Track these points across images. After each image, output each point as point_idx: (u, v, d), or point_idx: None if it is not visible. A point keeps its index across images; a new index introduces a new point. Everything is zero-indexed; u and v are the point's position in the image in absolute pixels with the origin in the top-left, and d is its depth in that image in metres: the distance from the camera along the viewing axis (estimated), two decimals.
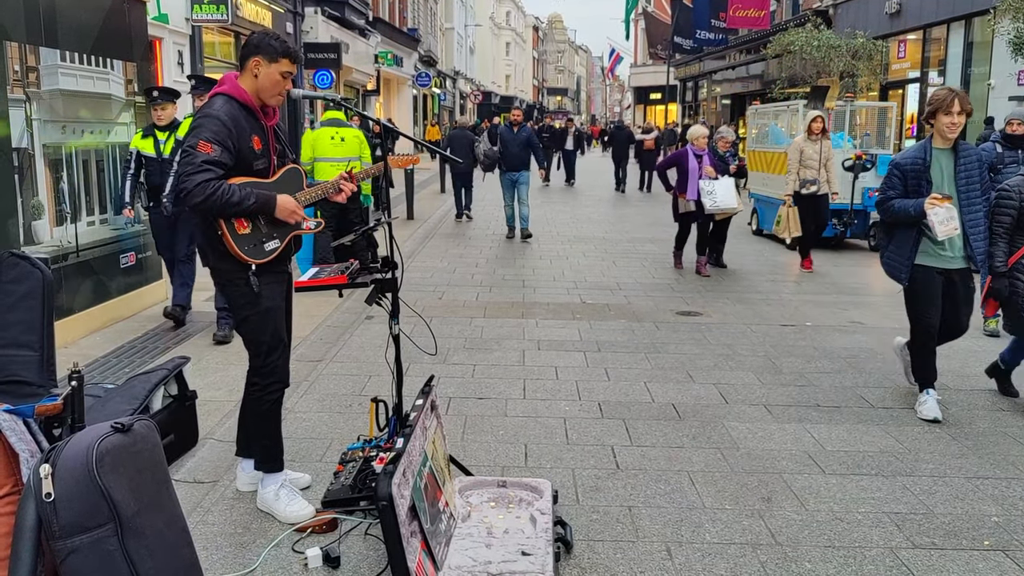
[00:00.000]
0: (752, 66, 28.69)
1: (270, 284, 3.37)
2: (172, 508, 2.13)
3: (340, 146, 8.02)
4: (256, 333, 3.39)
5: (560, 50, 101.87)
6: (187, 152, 3.16)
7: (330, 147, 8.00)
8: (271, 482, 3.44)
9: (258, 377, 3.42)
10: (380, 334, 5.99)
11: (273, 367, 3.42)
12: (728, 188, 8.98)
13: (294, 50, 3.39)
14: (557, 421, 4.56)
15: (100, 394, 3.81)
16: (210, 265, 3.41)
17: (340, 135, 8.06)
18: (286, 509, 3.37)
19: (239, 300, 3.36)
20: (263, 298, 3.34)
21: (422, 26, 38.69)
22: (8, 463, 2.04)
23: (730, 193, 8.97)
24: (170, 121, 6.26)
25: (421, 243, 11.40)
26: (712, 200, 8.85)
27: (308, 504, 3.41)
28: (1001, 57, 14.72)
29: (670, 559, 3.13)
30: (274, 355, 3.41)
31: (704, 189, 8.85)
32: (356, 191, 3.74)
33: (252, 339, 3.41)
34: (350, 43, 23.40)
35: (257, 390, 3.42)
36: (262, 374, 3.41)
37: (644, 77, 49.70)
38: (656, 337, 6.42)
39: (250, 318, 3.37)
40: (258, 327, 3.38)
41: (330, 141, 8.03)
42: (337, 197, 3.58)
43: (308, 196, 3.48)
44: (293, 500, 3.41)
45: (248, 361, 3.44)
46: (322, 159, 7.97)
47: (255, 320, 3.37)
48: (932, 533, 3.35)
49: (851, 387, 5.22)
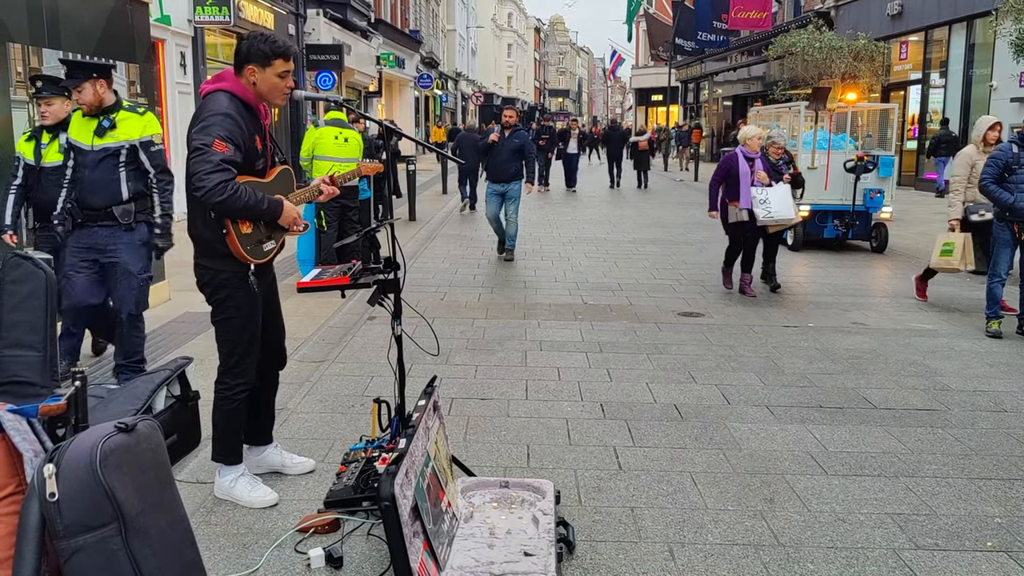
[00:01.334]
0: (754, 68, 28.72)
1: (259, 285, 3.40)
2: (175, 508, 2.13)
3: (344, 146, 8.06)
4: (235, 335, 3.40)
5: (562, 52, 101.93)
6: (201, 150, 3.11)
7: (334, 146, 8.05)
8: (228, 472, 3.53)
9: (228, 378, 3.45)
10: (382, 335, 5.99)
11: (244, 369, 3.45)
12: (784, 197, 7.93)
13: (285, 47, 3.32)
14: (559, 422, 4.56)
15: (103, 394, 3.81)
16: (204, 266, 3.37)
17: (344, 135, 8.11)
18: (249, 495, 3.47)
19: (227, 302, 3.36)
20: (251, 301, 3.37)
21: (424, 28, 38.72)
22: (12, 463, 2.05)
23: (786, 202, 7.92)
24: (59, 120, 5.02)
25: (423, 244, 11.41)
26: (766, 210, 7.82)
27: (271, 490, 3.53)
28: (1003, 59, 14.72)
29: (672, 560, 3.13)
30: (247, 359, 3.44)
31: (756, 197, 7.84)
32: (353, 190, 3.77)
33: (229, 341, 3.42)
34: (352, 45, 23.43)
35: (225, 389, 3.46)
36: (232, 375, 3.45)
37: (646, 79, 49.75)
38: (658, 338, 6.42)
39: (233, 320, 3.38)
40: (239, 330, 3.40)
41: (334, 141, 8.07)
42: (320, 199, 3.64)
43: (298, 198, 3.50)
44: (255, 487, 3.51)
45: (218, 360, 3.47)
46: (324, 157, 8.00)
47: (237, 323, 3.38)
48: (935, 534, 3.34)
49: (853, 388, 5.22)
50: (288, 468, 3.78)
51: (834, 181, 10.91)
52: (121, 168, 4.72)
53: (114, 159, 4.69)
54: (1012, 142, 6.47)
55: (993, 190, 6.38)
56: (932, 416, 4.72)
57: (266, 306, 3.57)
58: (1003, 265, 6.53)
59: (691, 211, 16.29)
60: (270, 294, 3.60)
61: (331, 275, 3.62)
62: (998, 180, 6.37)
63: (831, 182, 10.93)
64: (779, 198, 7.89)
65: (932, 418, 4.69)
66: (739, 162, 7.97)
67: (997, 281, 6.55)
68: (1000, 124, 7.35)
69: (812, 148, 11.15)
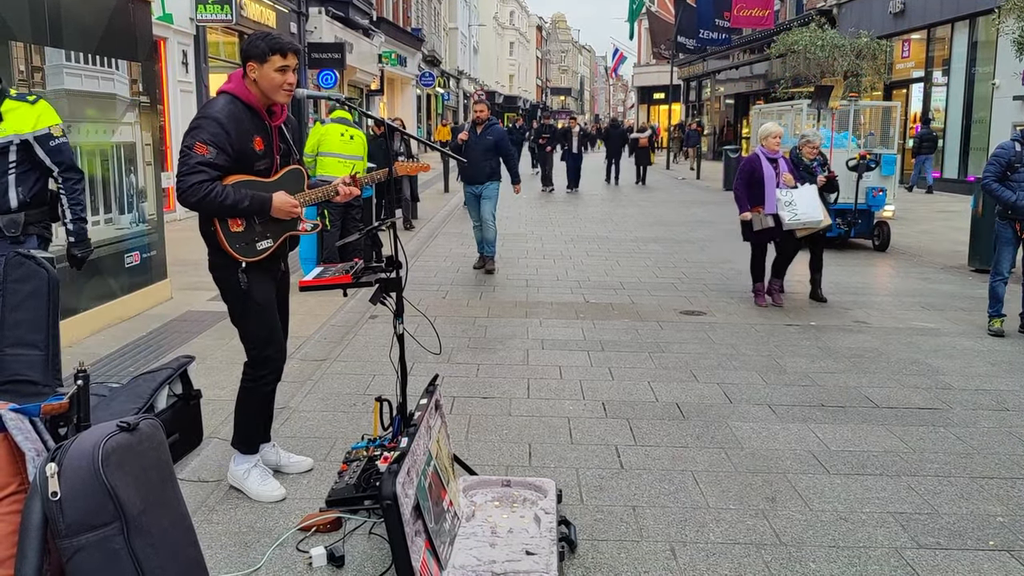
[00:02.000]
0: (756, 66, 28.70)
1: (261, 282, 3.43)
2: (177, 507, 2.14)
3: (349, 144, 8.18)
4: (250, 327, 3.48)
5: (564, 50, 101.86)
6: (184, 153, 3.22)
7: (339, 143, 8.14)
8: (243, 461, 3.58)
9: (253, 368, 3.52)
10: (384, 333, 5.99)
11: (267, 359, 3.50)
12: (810, 198, 7.37)
13: (283, 44, 3.34)
14: (561, 420, 4.56)
15: (105, 393, 3.81)
16: (212, 261, 3.46)
17: (350, 133, 8.25)
18: (259, 488, 3.51)
19: (230, 295, 3.44)
20: (253, 294, 3.41)
21: (426, 26, 38.70)
22: (14, 462, 2.05)
23: (814, 203, 7.36)
24: None
25: (425, 243, 11.41)
26: (792, 212, 7.28)
27: (280, 485, 3.57)
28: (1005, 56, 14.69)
29: (674, 559, 3.12)
30: (269, 348, 3.50)
31: (781, 199, 7.32)
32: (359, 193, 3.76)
33: (246, 332, 3.50)
34: (354, 43, 23.43)
35: (250, 380, 3.52)
36: (256, 365, 3.51)
37: (648, 77, 49.76)
38: (660, 336, 6.42)
39: (243, 313, 3.45)
40: (251, 321, 3.46)
41: (340, 138, 8.18)
42: (336, 199, 3.63)
43: (309, 198, 3.51)
44: (266, 481, 3.56)
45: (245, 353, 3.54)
46: (329, 154, 8.08)
47: (248, 315, 3.45)
48: (937, 533, 3.34)
49: (855, 387, 5.21)
50: (286, 467, 3.79)
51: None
52: (10, 171, 4.07)
53: (0, 159, 4.04)
54: (1015, 140, 6.45)
55: (995, 188, 6.37)
56: (934, 415, 4.71)
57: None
58: (1005, 264, 6.52)
59: (693, 209, 16.29)
60: (281, 292, 3.65)
61: (333, 274, 3.62)
62: (1000, 178, 6.37)
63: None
64: (806, 199, 7.37)
65: (934, 417, 4.68)
66: (762, 164, 7.37)
67: (999, 280, 6.54)
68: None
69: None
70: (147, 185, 6.96)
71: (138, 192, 6.80)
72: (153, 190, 7.08)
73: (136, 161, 6.79)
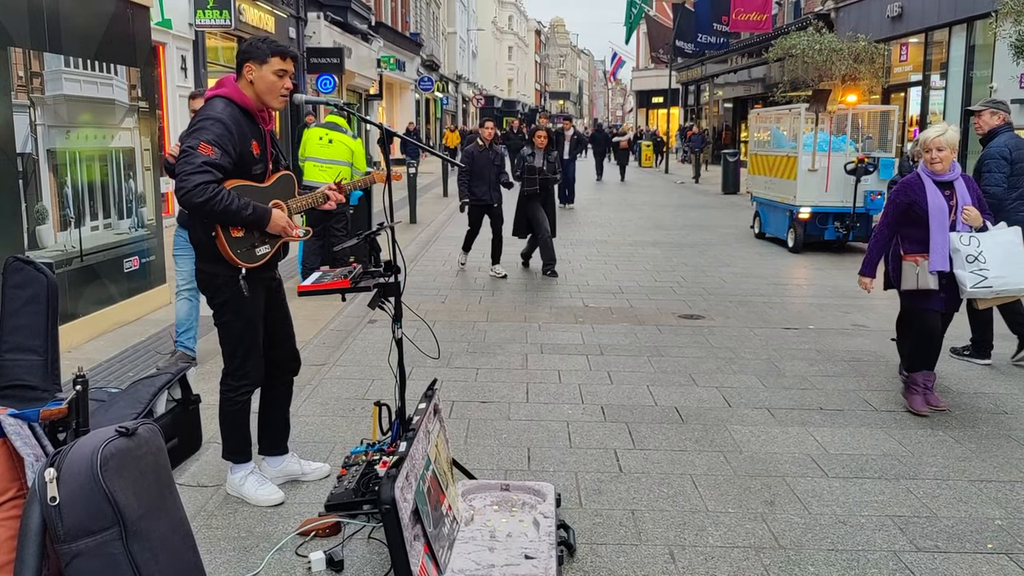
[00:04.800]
0: (754, 70, 28.72)
1: (255, 291, 3.40)
2: (176, 512, 2.14)
3: (327, 148, 7.98)
4: (236, 338, 3.44)
5: (562, 54, 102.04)
6: (187, 152, 3.14)
7: (317, 147, 7.99)
8: (239, 469, 3.58)
9: (232, 379, 3.49)
10: (383, 338, 6.00)
11: (247, 371, 3.47)
12: (1013, 248, 4.69)
13: (284, 48, 3.36)
14: (560, 424, 4.56)
15: (104, 398, 3.81)
16: (202, 270, 3.42)
17: (329, 137, 8.02)
18: (256, 492, 3.52)
19: (222, 305, 3.40)
20: (247, 305, 3.37)
21: (424, 31, 38.75)
22: (13, 467, 2.05)
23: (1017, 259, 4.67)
24: None
25: (424, 247, 11.41)
26: (979, 273, 4.58)
27: (277, 489, 3.57)
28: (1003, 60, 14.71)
29: (673, 562, 3.13)
30: (249, 361, 3.47)
31: (960, 250, 4.62)
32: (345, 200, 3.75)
33: (230, 343, 3.46)
34: (353, 48, 23.47)
35: (229, 391, 3.50)
36: (236, 376, 3.48)
37: (646, 81, 49.79)
38: (658, 340, 6.42)
39: (232, 323, 3.41)
40: (239, 333, 3.42)
41: (318, 141, 8.00)
42: (325, 205, 3.62)
43: (299, 204, 3.51)
44: (262, 485, 3.56)
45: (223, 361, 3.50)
46: (308, 158, 8.00)
47: (237, 326, 3.41)
48: (935, 536, 3.34)
49: (854, 390, 5.22)
50: (307, 475, 3.80)
51: (835, 183, 10.93)
52: None
53: None
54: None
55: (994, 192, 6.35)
56: (932, 418, 4.72)
57: (274, 310, 3.57)
58: None
59: (691, 214, 16.30)
60: (276, 298, 3.61)
61: (332, 278, 3.62)
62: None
63: (832, 184, 10.95)
64: (1002, 251, 4.65)
65: (932, 420, 4.69)
66: (926, 192, 4.73)
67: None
68: None
69: (812, 150, 11.16)
70: (146, 190, 6.97)
71: (137, 197, 6.81)
72: (152, 195, 7.09)
73: (135, 166, 6.80)
